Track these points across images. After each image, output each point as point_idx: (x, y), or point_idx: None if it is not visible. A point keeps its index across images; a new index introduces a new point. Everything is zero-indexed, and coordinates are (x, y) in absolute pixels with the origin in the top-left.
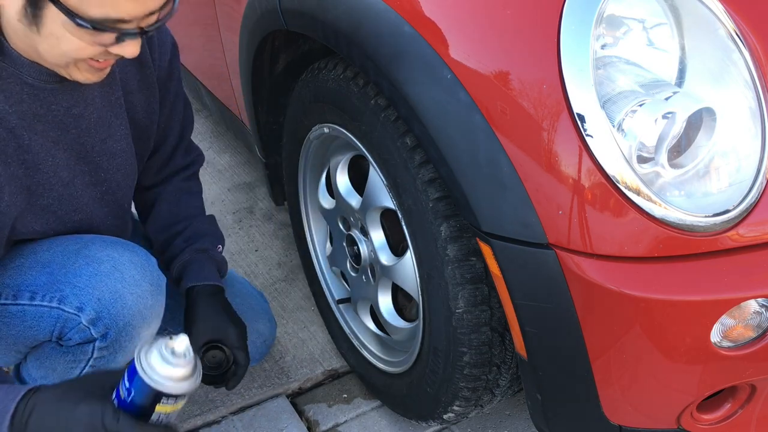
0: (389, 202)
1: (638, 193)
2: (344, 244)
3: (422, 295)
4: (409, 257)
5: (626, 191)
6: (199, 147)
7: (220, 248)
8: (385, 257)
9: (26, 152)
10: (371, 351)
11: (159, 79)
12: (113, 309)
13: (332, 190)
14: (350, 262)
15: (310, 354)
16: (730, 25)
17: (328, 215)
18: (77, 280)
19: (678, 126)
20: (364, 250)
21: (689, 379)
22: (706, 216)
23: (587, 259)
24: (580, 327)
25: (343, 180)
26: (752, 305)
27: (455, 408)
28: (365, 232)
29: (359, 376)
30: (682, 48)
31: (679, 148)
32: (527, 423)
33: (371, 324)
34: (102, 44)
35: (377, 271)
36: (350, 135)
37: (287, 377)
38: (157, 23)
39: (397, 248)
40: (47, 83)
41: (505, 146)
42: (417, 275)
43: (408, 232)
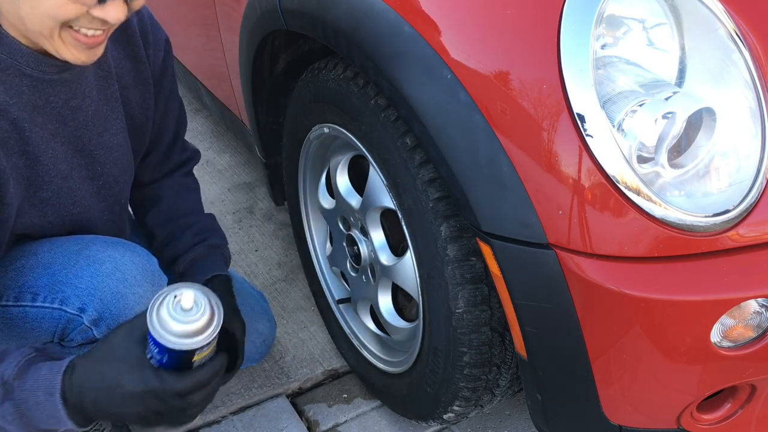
0: (389, 202)
1: (638, 193)
2: (344, 244)
3: (422, 295)
4: (409, 257)
5: (626, 191)
6: (198, 146)
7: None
8: (385, 257)
9: (27, 144)
10: (371, 351)
11: (153, 76)
12: (115, 309)
13: (332, 190)
14: (350, 262)
15: (310, 354)
16: (730, 25)
17: (328, 215)
18: (79, 281)
19: (678, 126)
20: (364, 250)
21: (689, 379)
22: (706, 216)
23: (587, 259)
24: (580, 327)
25: (343, 180)
26: (752, 305)
27: (455, 408)
28: (365, 232)
29: (359, 376)
30: (682, 48)
31: (679, 148)
32: (527, 423)
33: (371, 324)
34: (83, 2)
35: (377, 271)
36: (350, 135)
37: (287, 377)
38: None
39: (397, 248)
40: (45, 74)
41: (505, 146)
42: (417, 275)
43: (408, 232)
